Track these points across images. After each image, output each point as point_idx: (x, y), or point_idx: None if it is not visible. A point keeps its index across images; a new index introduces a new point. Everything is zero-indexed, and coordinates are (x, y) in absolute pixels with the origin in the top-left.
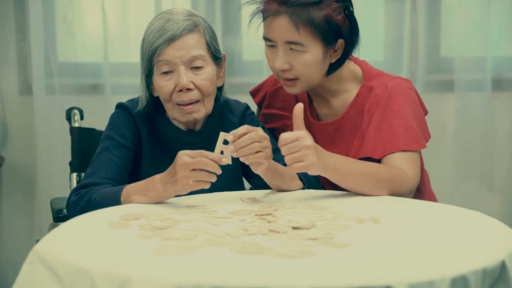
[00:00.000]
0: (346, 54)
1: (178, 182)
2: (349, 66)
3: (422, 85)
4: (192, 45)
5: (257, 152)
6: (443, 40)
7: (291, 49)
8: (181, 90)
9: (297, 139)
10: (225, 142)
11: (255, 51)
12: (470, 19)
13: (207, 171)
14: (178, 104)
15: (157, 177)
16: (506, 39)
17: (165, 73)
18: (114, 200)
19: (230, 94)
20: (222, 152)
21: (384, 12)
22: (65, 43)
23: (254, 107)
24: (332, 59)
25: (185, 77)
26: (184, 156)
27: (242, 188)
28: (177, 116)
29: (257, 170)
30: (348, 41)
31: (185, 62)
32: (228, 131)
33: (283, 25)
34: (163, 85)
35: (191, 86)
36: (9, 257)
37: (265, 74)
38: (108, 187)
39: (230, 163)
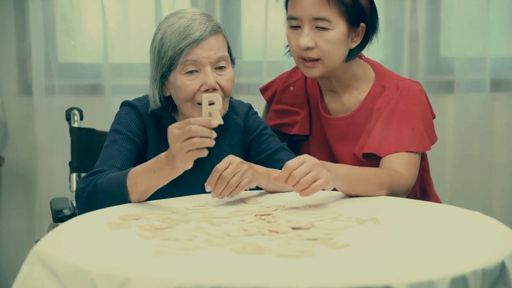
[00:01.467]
0: (366, 40)
1: (175, 156)
2: (364, 66)
3: (422, 85)
4: (218, 46)
5: (238, 184)
6: (443, 40)
7: (316, 27)
8: (207, 90)
9: (304, 161)
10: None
11: (255, 51)
12: (470, 19)
13: (200, 138)
14: (199, 104)
15: (163, 156)
16: (505, 40)
17: (190, 72)
18: (120, 184)
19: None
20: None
21: (384, 12)
22: (65, 44)
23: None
24: (352, 44)
25: (212, 77)
26: (173, 129)
27: None
28: (196, 115)
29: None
30: (369, 26)
31: (212, 63)
32: (232, 133)
33: (312, 1)
34: (188, 84)
35: (217, 86)
36: (9, 257)
37: (265, 74)
38: (114, 171)
39: (222, 122)
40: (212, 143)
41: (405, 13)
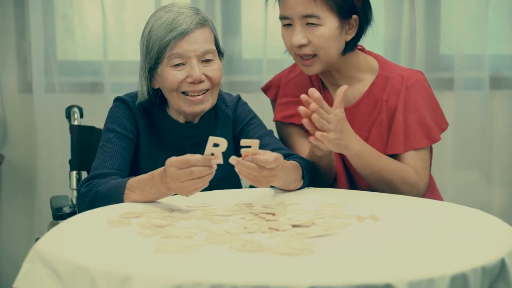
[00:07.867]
0: (361, 32)
1: (174, 191)
2: (366, 57)
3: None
4: (204, 40)
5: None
6: (442, 38)
7: (307, 24)
8: (192, 82)
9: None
10: (215, 145)
11: (255, 49)
12: (469, 17)
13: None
14: (186, 94)
15: (157, 177)
16: (504, 37)
17: (177, 65)
18: (118, 195)
19: (230, 93)
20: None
21: (384, 10)
22: (65, 42)
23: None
24: (347, 37)
25: (198, 69)
26: (172, 168)
27: (237, 178)
28: (182, 106)
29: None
30: (362, 18)
31: (197, 56)
32: (222, 124)
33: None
34: (174, 74)
35: (203, 78)
36: (9, 256)
37: (265, 72)
38: (115, 178)
39: (222, 162)
40: (212, 176)
41: (404, 12)
